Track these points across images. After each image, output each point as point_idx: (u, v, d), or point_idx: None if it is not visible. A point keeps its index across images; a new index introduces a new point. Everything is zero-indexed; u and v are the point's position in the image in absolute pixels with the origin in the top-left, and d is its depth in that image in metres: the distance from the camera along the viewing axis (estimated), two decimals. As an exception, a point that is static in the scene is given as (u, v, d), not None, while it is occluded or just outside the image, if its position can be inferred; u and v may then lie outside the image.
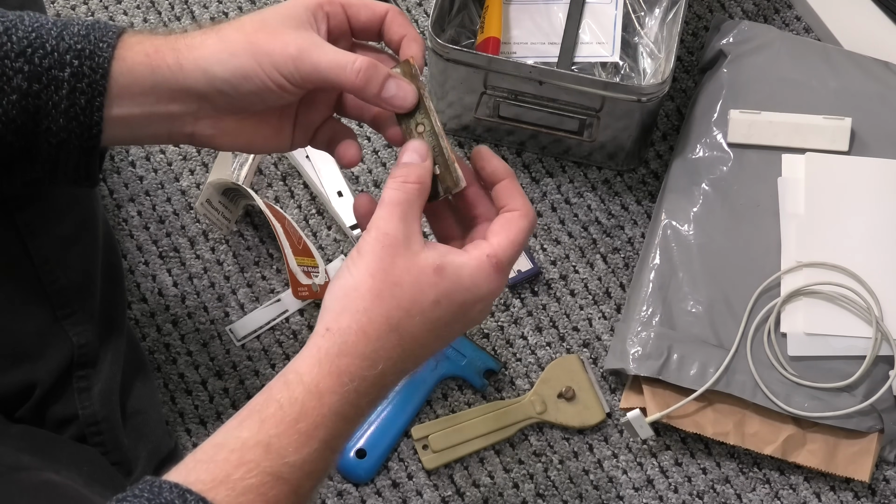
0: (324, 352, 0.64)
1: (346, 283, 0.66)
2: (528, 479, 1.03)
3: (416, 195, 0.68)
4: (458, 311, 0.68)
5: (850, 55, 1.12)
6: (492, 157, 0.72)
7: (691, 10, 1.21)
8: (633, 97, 1.02)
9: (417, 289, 0.66)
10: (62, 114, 0.69)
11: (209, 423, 1.04)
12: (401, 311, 0.65)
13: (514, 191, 0.71)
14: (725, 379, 1.00)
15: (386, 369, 0.65)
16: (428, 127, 0.71)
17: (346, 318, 0.65)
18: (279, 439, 0.62)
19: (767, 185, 1.06)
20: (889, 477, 1.02)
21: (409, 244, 0.66)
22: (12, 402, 0.86)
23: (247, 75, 0.68)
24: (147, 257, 1.09)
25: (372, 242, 0.66)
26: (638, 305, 1.03)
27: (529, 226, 0.71)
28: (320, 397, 0.63)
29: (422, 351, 0.68)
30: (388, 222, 0.67)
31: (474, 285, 0.68)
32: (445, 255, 0.67)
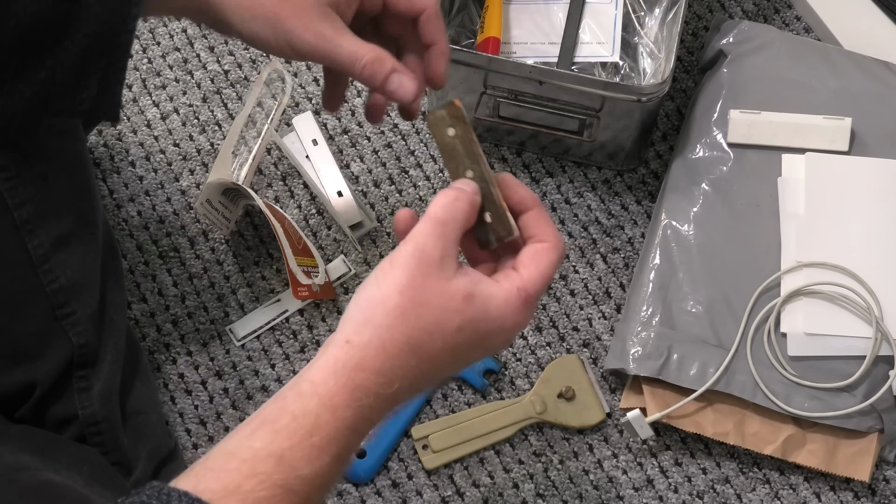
0: (340, 364, 0.63)
1: (373, 295, 0.65)
2: (528, 479, 1.03)
3: (463, 216, 0.67)
4: (480, 339, 0.67)
5: (850, 55, 1.12)
6: (518, 186, 0.71)
7: (691, 10, 1.21)
8: (633, 97, 1.02)
9: (443, 313, 0.65)
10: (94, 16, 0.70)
11: (209, 423, 1.04)
12: (423, 332, 0.64)
13: (542, 221, 0.70)
14: (725, 379, 1.00)
15: (401, 388, 0.64)
16: (477, 173, 0.70)
17: (368, 331, 0.64)
18: (292, 452, 0.61)
19: (767, 185, 1.06)
20: (889, 477, 1.02)
21: (442, 265, 0.65)
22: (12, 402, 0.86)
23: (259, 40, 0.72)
24: (147, 257, 1.09)
25: (407, 257, 0.65)
26: (638, 305, 1.03)
27: (559, 258, 0.69)
28: (334, 411, 0.62)
29: (438, 373, 0.67)
30: (427, 239, 0.65)
31: (500, 317, 0.67)
32: (476, 284, 0.66)
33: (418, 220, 0.67)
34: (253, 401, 1.05)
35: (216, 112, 1.16)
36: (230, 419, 1.04)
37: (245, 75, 1.18)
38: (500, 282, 0.67)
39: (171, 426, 1.03)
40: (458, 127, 0.71)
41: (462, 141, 0.70)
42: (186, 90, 1.16)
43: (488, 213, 0.70)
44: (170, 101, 1.16)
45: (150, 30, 1.20)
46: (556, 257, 0.69)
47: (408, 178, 1.13)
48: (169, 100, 1.16)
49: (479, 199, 0.69)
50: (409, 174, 1.14)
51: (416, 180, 1.13)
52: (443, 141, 0.71)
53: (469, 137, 0.70)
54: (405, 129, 1.15)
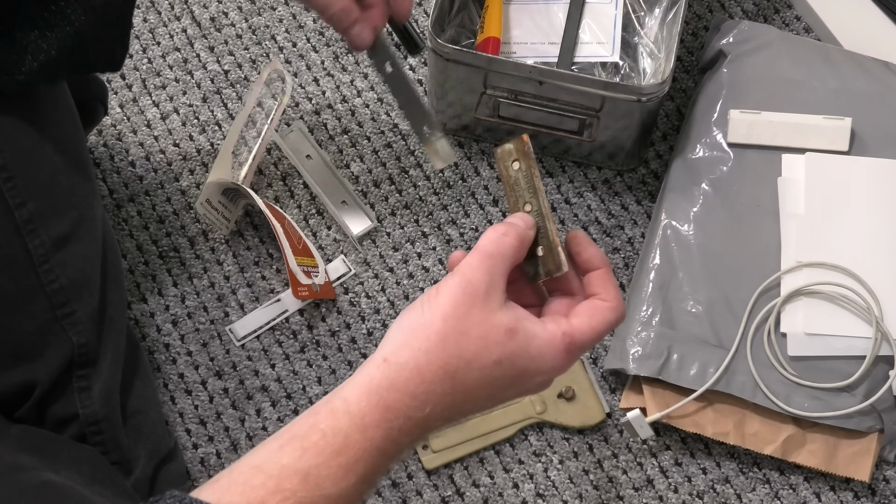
0: (375, 383, 0.63)
1: (415, 320, 0.65)
2: (528, 479, 1.03)
3: (511, 252, 0.67)
4: (517, 377, 0.66)
5: (850, 55, 1.12)
6: (589, 245, 0.70)
7: (691, 10, 1.21)
8: (633, 97, 1.02)
9: (483, 344, 0.64)
10: None
11: (209, 423, 1.04)
12: (461, 360, 0.64)
13: (608, 282, 0.69)
14: (725, 379, 1.00)
15: (432, 414, 0.64)
16: (535, 207, 0.70)
17: (406, 353, 0.64)
18: (318, 470, 0.61)
19: (767, 185, 1.06)
20: (889, 477, 1.02)
21: (488, 298, 0.65)
22: (12, 401, 0.86)
23: None
24: (147, 257, 1.09)
25: (453, 286, 0.65)
26: (638, 305, 1.03)
27: (616, 320, 0.69)
28: (364, 431, 0.62)
29: (470, 405, 0.66)
30: (474, 271, 0.65)
31: (540, 356, 0.66)
32: (521, 320, 0.66)
33: None
34: (253, 401, 1.05)
35: (216, 112, 1.16)
36: (230, 419, 1.04)
37: (245, 75, 1.18)
38: (546, 323, 0.67)
39: (171, 426, 1.03)
40: (522, 161, 0.72)
41: (525, 175, 0.71)
42: (186, 90, 1.17)
43: (541, 247, 0.70)
44: (170, 101, 1.16)
45: (150, 30, 1.20)
46: (613, 318, 0.68)
47: (408, 178, 1.13)
48: (169, 100, 1.16)
49: (531, 234, 0.69)
50: (409, 174, 1.14)
51: (416, 180, 1.13)
52: (507, 174, 0.72)
53: (532, 172, 0.71)
54: (405, 129, 1.15)
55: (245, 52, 1.19)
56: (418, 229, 1.11)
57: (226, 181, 1.04)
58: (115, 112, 1.15)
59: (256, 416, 1.04)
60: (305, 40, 1.20)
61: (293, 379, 1.05)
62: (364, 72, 1.18)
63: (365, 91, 1.17)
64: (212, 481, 0.61)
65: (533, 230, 0.70)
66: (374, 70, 0.97)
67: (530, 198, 0.71)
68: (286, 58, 1.19)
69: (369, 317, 1.08)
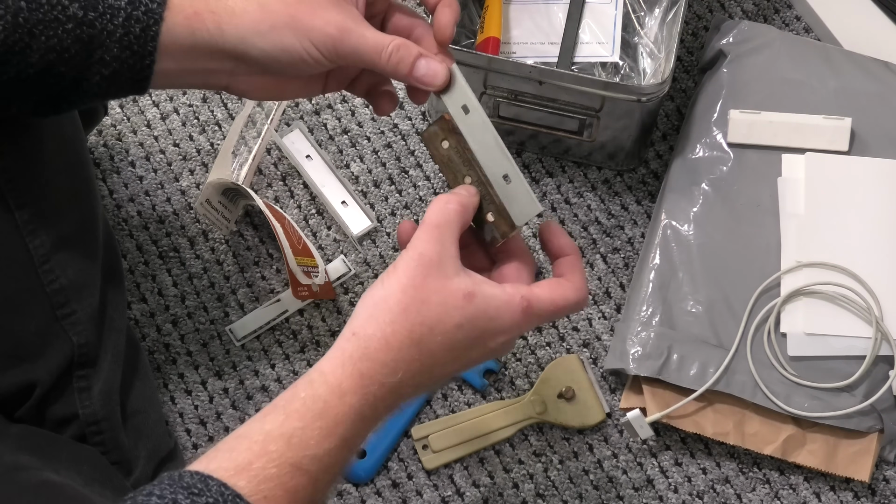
0: (347, 354, 0.67)
1: (377, 295, 0.68)
2: (528, 479, 1.03)
3: (456, 218, 0.70)
4: (479, 338, 0.69)
5: (850, 55, 1.12)
6: (561, 234, 0.74)
7: (691, 10, 1.21)
8: (633, 97, 1.02)
9: (443, 309, 0.67)
10: (116, 42, 0.70)
11: (209, 423, 1.04)
12: (424, 327, 0.67)
13: (575, 267, 0.73)
14: (725, 379, 1.00)
15: (404, 379, 0.67)
16: (475, 177, 0.73)
17: (372, 325, 0.67)
18: (302, 432, 0.64)
19: (767, 185, 1.06)
20: (889, 477, 1.02)
21: (442, 266, 0.68)
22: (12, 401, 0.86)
23: (285, 49, 0.71)
24: (147, 257, 1.10)
25: (407, 260, 0.68)
26: (638, 305, 1.03)
27: (576, 301, 0.72)
28: (342, 396, 0.65)
29: (439, 370, 0.69)
30: (425, 243, 0.68)
31: (498, 316, 0.69)
32: (478, 284, 0.69)
33: None
34: (253, 401, 1.05)
35: (216, 112, 1.16)
36: (230, 419, 1.04)
37: (245, 75, 1.18)
38: (504, 287, 0.70)
39: (171, 426, 1.03)
40: (451, 139, 0.74)
41: (456, 151, 0.74)
42: (186, 90, 1.16)
43: (489, 213, 0.73)
44: (170, 101, 1.16)
45: None
46: (573, 298, 0.72)
47: (408, 178, 1.13)
48: (169, 100, 1.16)
49: (475, 201, 0.73)
50: (409, 174, 1.14)
51: (416, 180, 1.13)
52: (438, 154, 0.75)
53: (463, 146, 0.73)
54: (405, 130, 1.15)
55: (245, 52, 1.19)
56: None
57: (226, 181, 1.04)
58: (115, 112, 1.15)
59: (256, 416, 1.04)
60: (305, 40, 1.20)
61: (293, 379, 1.05)
62: (364, 72, 1.18)
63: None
64: (199, 457, 0.64)
65: (476, 197, 0.73)
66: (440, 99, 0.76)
67: (467, 170, 0.73)
68: (286, 58, 1.19)
69: (369, 317, 1.08)
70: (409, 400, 0.69)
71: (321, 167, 1.12)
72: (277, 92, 0.78)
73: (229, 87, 0.76)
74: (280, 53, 0.71)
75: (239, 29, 0.70)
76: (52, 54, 0.70)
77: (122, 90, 0.73)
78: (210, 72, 0.73)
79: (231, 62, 0.73)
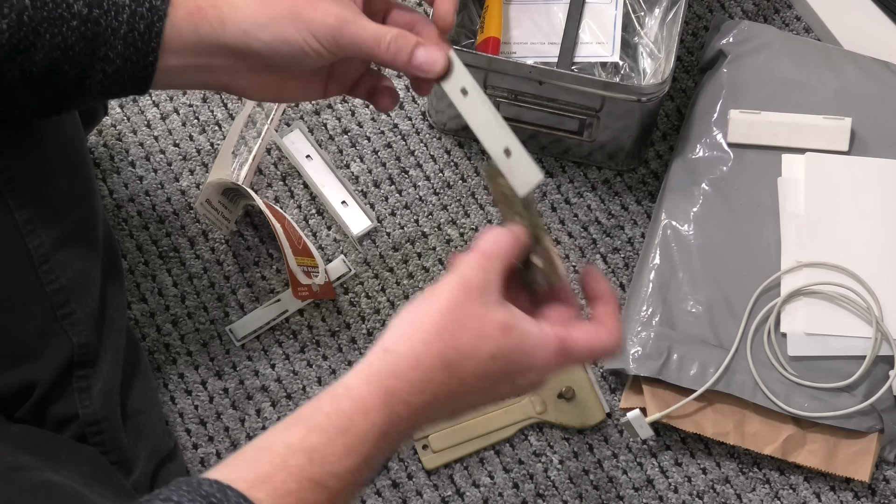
0: (375, 369, 0.65)
1: (415, 313, 0.67)
2: (528, 479, 1.03)
3: (506, 252, 0.69)
4: (511, 372, 0.68)
5: (850, 55, 1.12)
6: (601, 279, 0.73)
7: (691, 10, 1.21)
8: (633, 97, 1.02)
9: (479, 338, 0.66)
10: (120, 39, 0.70)
11: (209, 423, 1.04)
12: (457, 352, 0.66)
13: (612, 314, 0.72)
14: (725, 379, 1.00)
15: (431, 401, 0.66)
16: (527, 219, 0.72)
17: (405, 343, 0.66)
18: (324, 448, 0.63)
19: (767, 185, 1.06)
20: (889, 477, 1.02)
21: (484, 295, 0.67)
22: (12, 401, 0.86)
23: (286, 41, 0.71)
24: (147, 257, 1.10)
25: (450, 283, 0.67)
26: (638, 305, 1.03)
27: (611, 347, 0.71)
28: (366, 414, 0.64)
29: (465, 398, 0.68)
30: (471, 269, 0.67)
31: (532, 353, 0.68)
32: (517, 318, 0.68)
33: None
34: (253, 401, 1.05)
35: (216, 112, 1.16)
36: (230, 419, 1.04)
37: (245, 75, 1.18)
38: (541, 325, 0.69)
39: (171, 426, 1.03)
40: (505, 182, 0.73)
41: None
42: (186, 90, 1.17)
43: (536, 257, 0.72)
44: (170, 101, 1.16)
45: None
46: (609, 344, 0.71)
47: (408, 178, 1.13)
48: (169, 100, 1.16)
49: (525, 241, 0.71)
50: (409, 174, 1.14)
51: (416, 180, 1.13)
52: (497, 190, 0.73)
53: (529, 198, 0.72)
54: (405, 130, 1.15)
55: (245, 52, 1.19)
56: (418, 229, 1.11)
57: (226, 181, 1.04)
58: (115, 112, 1.15)
59: (256, 416, 1.04)
60: (305, 40, 1.20)
61: (293, 379, 1.06)
62: (364, 72, 1.18)
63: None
64: (218, 464, 0.63)
65: (527, 238, 0.71)
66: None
67: (521, 210, 0.72)
68: (286, 58, 1.19)
69: (369, 317, 1.08)
70: (432, 423, 0.68)
71: (321, 167, 1.12)
72: (277, 91, 0.78)
73: (229, 85, 0.76)
74: (281, 45, 0.72)
75: (240, 22, 0.71)
76: (56, 52, 0.70)
77: (124, 89, 0.73)
78: (211, 69, 0.74)
79: (232, 58, 0.73)
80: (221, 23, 0.71)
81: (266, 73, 0.75)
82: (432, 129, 1.15)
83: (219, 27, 0.71)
